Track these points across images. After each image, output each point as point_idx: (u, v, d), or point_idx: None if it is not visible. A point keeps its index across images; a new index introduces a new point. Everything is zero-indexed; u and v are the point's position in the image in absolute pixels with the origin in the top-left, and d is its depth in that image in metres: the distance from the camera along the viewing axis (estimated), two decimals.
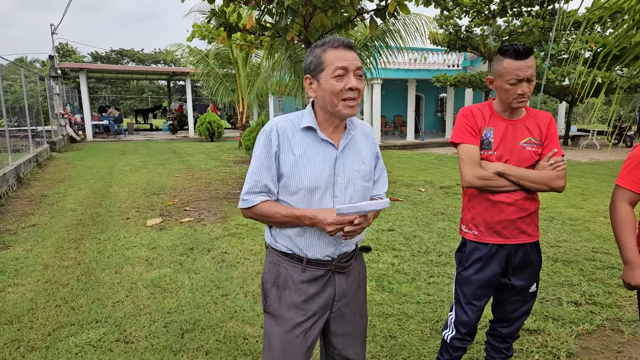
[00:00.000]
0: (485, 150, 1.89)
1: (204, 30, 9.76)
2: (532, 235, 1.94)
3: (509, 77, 1.79)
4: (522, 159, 1.87)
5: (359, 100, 1.46)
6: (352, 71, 1.42)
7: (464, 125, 1.92)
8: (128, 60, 46.24)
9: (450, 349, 2.08)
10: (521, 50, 1.77)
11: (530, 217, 1.91)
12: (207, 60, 14.56)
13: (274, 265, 1.55)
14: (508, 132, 1.89)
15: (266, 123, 1.57)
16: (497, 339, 2.12)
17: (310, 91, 1.48)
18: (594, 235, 4.97)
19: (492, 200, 1.88)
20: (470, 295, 1.98)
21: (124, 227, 5.34)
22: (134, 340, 2.76)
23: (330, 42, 1.44)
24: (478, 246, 1.94)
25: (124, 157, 12.76)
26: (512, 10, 14.98)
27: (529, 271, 1.97)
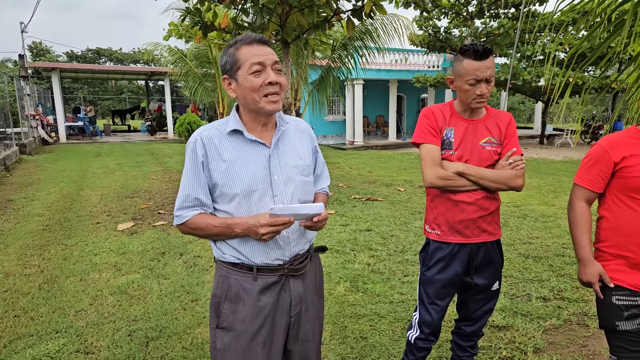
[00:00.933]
0: (446, 150, 1.89)
1: (181, 29, 9.61)
2: (493, 233, 1.95)
3: (468, 78, 1.79)
4: (482, 158, 1.87)
5: (282, 94, 1.43)
6: (270, 66, 1.39)
7: (425, 126, 1.91)
8: (105, 60, 45.32)
9: (415, 350, 2.07)
10: (480, 51, 1.77)
11: (491, 216, 1.92)
12: (186, 59, 14.36)
13: (223, 278, 1.49)
14: (468, 132, 1.89)
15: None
16: (462, 337, 2.13)
17: (230, 92, 1.44)
18: (565, 231, 5.06)
19: (454, 200, 1.88)
20: (433, 295, 1.98)
21: (93, 232, 5.19)
22: (94, 351, 2.67)
23: (243, 39, 1.41)
24: (441, 246, 1.94)
25: (99, 159, 12.47)
26: (489, 12, 15.23)
27: (491, 270, 1.98)
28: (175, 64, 14.46)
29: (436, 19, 15.84)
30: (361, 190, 7.74)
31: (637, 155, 1.63)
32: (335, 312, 3.11)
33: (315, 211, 1.37)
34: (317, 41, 8.61)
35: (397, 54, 17.51)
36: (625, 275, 1.67)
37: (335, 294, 3.43)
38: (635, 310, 1.65)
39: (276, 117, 1.53)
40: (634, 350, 1.66)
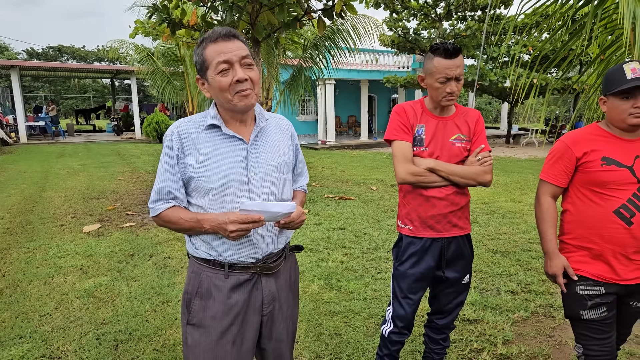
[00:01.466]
0: (418, 146, 1.93)
1: (147, 27, 9.35)
2: (464, 228, 2.00)
3: (439, 76, 1.82)
4: (452, 154, 1.92)
5: (256, 89, 1.41)
6: (237, 62, 1.35)
7: (397, 123, 1.94)
8: (68, 58, 43.63)
9: (389, 343, 2.10)
10: (450, 49, 1.80)
11: (461, 210, 1.97)
12: (153, 58, 13.99)
13: (195, 275, 1.47)
14: (439, 129, 1.93)
15: None
16: (434, 330, 2.17)
17: (205, 92, 1.42)
18: (531, 227, 5.24)
19: (425, 195, 1.92)
20: (406, 289, 2.00)
21: (58, 235, 4.98)
22: (61, 356, 2.56)
23: (209, 36, 1.37)
24: (413, 240, 1.97)
25: (62, 160, 11.99)
26: (456, 14, 15.60)
27: (462, 263, 2.02)
28: (142, 62, 14.06)
29: (405, 20, 16.11)
30: (334, 190, 7.77)
31: (597, 150, 1.71)
32: (309, 310, 3.11)
33: (287, 210, 1.35)
34: (288, 40, 8.59)
35: (368, 55, 17.70)
36: (588, 266, 1.75)
37: (309, 292, 3.42)
38: (599, 300, 1.72)
39: (255, 112, 1.50)
40: (598, 338, 1.74)
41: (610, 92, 1.67)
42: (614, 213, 1.67)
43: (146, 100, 30.32)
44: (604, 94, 1.72)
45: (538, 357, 2.55)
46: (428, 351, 2.21)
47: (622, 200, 1.66)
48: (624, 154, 1.68)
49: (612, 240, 1.68)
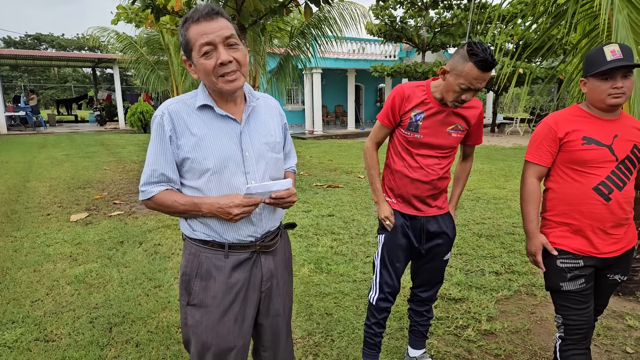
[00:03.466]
0: (412, 132, 1.96)
1: (130, 13, 9.17)
2: (443, 208, 2.10)
3: (463, 82, 1.76)
4: (446, 143, 1.98)
5: (243, 69, 1.37)
6: (220, 43, 1.30)
7: (388, 107, 1.99)
8: (47, 47, 42.52)
9: (376, 312, 2.17)
10: (489, 62, 1.69)
11: (441, 193, 2.08)
12: (137, 46, 13.73)
13: (193, 256, 1.46)
14: (438, 117, 1.94)
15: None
16: (417, 303, 2.26)
17: (192, 73, 1.39)
18: (514, 212, 5.38)
19: (411, 177, 2.00)
20: (393, 256, 2.09)
21: (44, 224, 4.94)
22: (55, 339, 2.58)
23: (191, 16, 1.31)
24: (396, 213, 2.07)
25: (45, 150, 11.78)
26: (443, 2, 15.64)
27: (441, 240, 2.10)
28: (125, 51, 13.77)
29: (392, 8, 16.09)
30: (322, 178, 7.82)
31: (578, 130, 1.78)
32: (300, 292, 3.17)
33: (285, 187, 1.40)
34: (275, 27, 8.53)
35: (355, 44, 17.66)
36: (568, 240, 1.83)
37: (300, 275, 3.49)
38: (577, 272, 1.81)
39: (245, 92, 1.49)
40: (577, 309, 1.83)
41: (590, 74, 1.74)
42: (593, 190, 1.75)
43: (129, 89, 29.79)
44: (584, 76, 1.79)
45: (520, 332, 2.66)
46: (414, 324, 2.30)
47: (601, 178, 1.74)
48: (603, 133, 1.76)
49: (591, 216, 1.76)
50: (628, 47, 1.69)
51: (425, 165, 1.99)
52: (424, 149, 1.98)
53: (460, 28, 15.32)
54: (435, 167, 1.99)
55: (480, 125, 2.07)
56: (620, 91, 1.68)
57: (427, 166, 1.98)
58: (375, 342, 2.23)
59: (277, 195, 1.41)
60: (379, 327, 2.21)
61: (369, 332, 2.22)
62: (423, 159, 1.98)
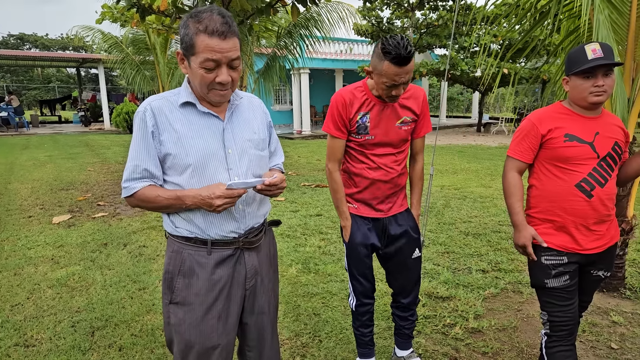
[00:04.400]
0: (363, 135, 1.94)
1: (115, 12, 9.05)
2: (402, 205, 2.09)
3: (386, 80, 1.76)
4: (398, 138, 1.97)
5: (234, 87, 1.40)
6: (225, 64, 1.32)
7: (334, 117, 1.95)
8: (30, 47, 41.77)
9: (359, 315, 2.19)
10: (403, 57, 1.68)
11: (401, 190, 2.07)
12: (122, 45, 13.55)
13: (176, 254, 1.45)
14: (384, 114, 1.93)
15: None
16: (401, 309, 2.23)
17: (183, 68, 1.39)
18: (500, 210, 5.43)
19: (371, 179, 1.98)
20: (359, 264, 2.08)
21: (26, 226, 4.83)
22: (35, 344, 2.51)
23: (205, 22, 1.27)
24: (357, 219, 2.05)
25: (27, 151, 11.55)
26: (428, 4, 15.75)
27: (406, 239, 2.08)
28: (110, 51, 13.58)
29: (379, 9, 16.15)
30: (310, 178, 7.81)
31: (561, 127, 1.80)
32: (288, 292, 3.15)
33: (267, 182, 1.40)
34: (262, 27, 8.49)
35: (342, 44, 17.69)
36: (552, 237, 1.84)
37: (287, 275, 3.46)
38: (562, 269, 1.82)
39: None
40: (561, 305, 1.84)
41: (572, 72, 1.75)
42: (575, 187, 1.76)
43: (115, 90, 29.42)
44: (566, 74, 1.81)
45: (507, 330, 2.68)
46: (399, 327, 2.28)
47: (583, 175, 1.76)
48: (585, 130, 1.77)
49: (574, 212, 1.78)
50: (608, 45, 1.71)
51: (383, 164, 1.97)
52: (378, 148, 1.97)
53: (446, 29, 15.44)
54: (393, 165, 1.99)
55: (426, 113, 2.02)
56: (602, 89, 1.70)
57: (385, 165, 1.97)
58: (367, 341, 2.24)
59: (271, 182, 1.40)
60: (366, 328, 2.21)
61: (357, 334, 2.24)
62: (379, 159, 1.97)
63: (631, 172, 1.88)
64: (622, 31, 2.74)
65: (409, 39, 1.71)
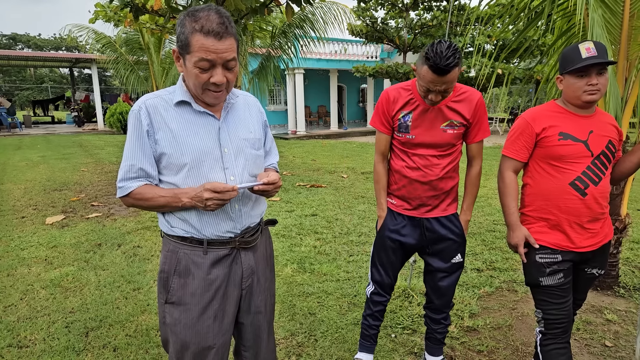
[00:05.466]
0: (404, 133, 1.94)
1: (109, 11, 8.99)
2: (447, 209, 2.03)
3: (423, 84, 1.78)
4: (443, 141, 1.92)
5: (230, 88, 1.39)
6: (220, 65, 1.30)
7: (379, 112, 2.00)
8: (23, 47, 41.46)
9: (371, 304, 2.21)
10: (441, 68, 1.68)
11: (445, 194, 2.01)
12: (115, 45, 13.46)
13: (171, 253, 1.44)
14: (429, 115, 1.90)
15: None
16: (433, 311, 2.20)
17: (179, 66, 1.38)
18: (495, 209, 5.45)
19: (409, 178, 1.97)
20: (383, 257, 2.10)
21: (19, 227, 4.79)
22: (29, 344, 2.49)
23: (202, 22, 1.26)
24: (394, 214, 2.06)
25: (20, 152, 11.46)
26: (423, 4, 15.80)
27: (448, 243, 2.05)
28: (103, 51, 13.48)
29: (373, 9, 16.17)
30: (305, 178, 7.80)
31: (555, 126, 1.81)
32: (283, 292, 3.14)
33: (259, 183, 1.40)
34: (257, 27, 8.48)
35: (337, 44, 17.71)
36: (546, 235, 1.85)
37: (282, 275, 3.46)
38: (556, 267, 1.83)
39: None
40: (556, 303, 1.85)
41: (566, 71, 1.76)
42: (569, 185, 1.77)
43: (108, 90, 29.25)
44: (560, 73, 1.82)
45: (502, 328, 2.69)
46: (430, 331, 2.24)
47: (577, 173, 1.77)
48: (579, 129, 1.78)
49: (568, 211, 1.79)
50: (602, 44, 1.72)
51: (423, 165, 1.94)
52: (420, 149, 1.94)
53: (440, 29, 15.49)
54: (433, 167, 1.94)
55: (481, 118, 1.95)
56: (595, 88, 1.71)
57: (424, 166, 1.94)
58: (370, 334, 2.26)
59: (270, 181, 1.40)
60: (374, 320, 2.23)
61: (364, 323, 2.27)
62: (420, 159, 1.95)
63: (625, 170, 1.89)
64: (615, 31, 2.76)
65: (457, 48, 1.68)
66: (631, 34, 2.76)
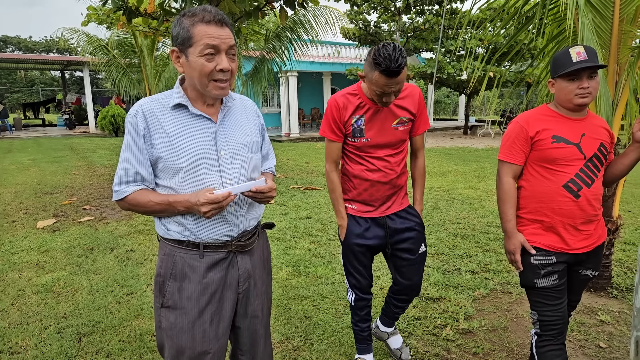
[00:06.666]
0: (358, 137, 1.96)
1: (101, 14, 8.94)
2: (403, 203, 2.10)
3: (376, 89, 1.78)
4: (395, 139, 1.98)
5: (232, 80, 1.39)
6: (224, 51, 1.33)
7: (329, 120, 1.99)
8: (13, 49, 41.05)
9: (357, 310, 2.22)
10: (392, 70, 1.69)
11: (401, 189, 2.08)
12: (108, 48, 13.37)
13: (168, 257, 1.44)
14: (379, 116, 1.94)
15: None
16: (401, 300, 2.24)
17: (178, 66, 1.38)
18: (488, 211, 5.48)
19: (371, 180, 2.00)
20: (354, 263, 2.11)
21: (9, 231, 4.73)
22: (20, 351, 2.45)
23: (201, 14, 1.31)
24: (356, 218, 2.07)
25: (10, 155, 11.32)
26: (415, 8, 15.90)
27: (410, 234, 2.09)
28: (95, 53, 13.37)
29: (366, 13, 16.25)
30: (299, 180, 7.79)
31: (547, 129, 1.82)
32: (278, 296, 3.13)
33: (258, 184, 1.39)
34: (250, 30, 8.48)
35: (330, 47, 17.75)
36: (541, 237, 1.87)
37: (277, 278, 3.44)
38: (551, 268, 1.84)
39: None
40: (551, 304, 1.86)
41: (557, 75, 1.78)
42: (563, 187, 1.79)
43: (100, 92, 29.04)
44: (552, 77, 1.84)
45: (497, 330, 2.70)
46: (391, 312, 2.31)
47: (570, 175, 1.78)
48: (571, 132, 1.80)
49: (562, 213, 1.80)
50: (592, 48, 1.74)
51: (382, 166, 1.99)
52: (376, 151, 1.98)
53: (432, 33, 15.60)
54: (392, 166, 2.00)
55: (422, 111, 2.03)
56: (587, 91, 1.73)
57: (384, 167, 1.99)
58: (365, 336, 2.27)
59: (258, 189, 1.41)
60: (364, 322, 2.24)
61: (356, 329, 2.27)
62: (378, 161, 1.99)
63: (617, 172, 1.91)
64: (605, 35, 2.79)
65: (401, 48, 1.71)
66: (621, 38, 2.80)
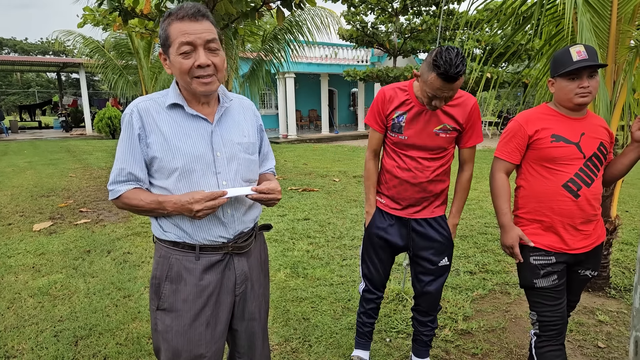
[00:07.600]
0: (397, 133, 1.95)
1: (97, 15, 8.90)
2: (435, 212, 2.03)
3: (429, 90, 1.75)
4: (434, 145, 1.93)
5: (219, 75, 1.36)
6: (201, 45, 1.30)
7: (373, 110, 2.01)
8: (9, 51, 40.91)
9: (364, 301, 2.23)
10: (451, 76, 1.66)
11: (435, 196, 2.02)
12: (104, 50, 13.33)
13: (163, 259, 1.42)
14: (422, 117, 1.90)
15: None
16: (421, 313, 2.19)
17: (166, 68, 1.37)
18: (486, 212, 5.48)
19: (400, 178, 1.98)
20: (372, 253, 2.11)
21: (5, 234, 4.69)
22: (16, 354, 2.43)
23: (176, 13, 1.29)
24: (382, 212, 2.07)
25: (6, 158, 11.26)
26: (412, 9, 15.92)
27: (435, 245, 2.04)
28: (91, 55, 13.32)
29: (363, 14, 16.26)
30: (297, 182, 7.78)
31: (547, 128, 1.82)
32: (276, 297, 3.12)
33: (248, 192, 1.38)
34: (247, 31, 8.46)
35: (328, 48, 17.77)
36: (540, 237, 1.86)
37: (276, 280, 3.43)
38: (550, 269, 1.84)
39: (219, 93, 1.46)
40: (550, 305, 1.86)
41: (557, 74, 1.78)
42: (562, 187, 1.78)
43: (97, 95, 28.95)
44: (552, 76, 1.83)
45: (496, 331, 2.69)
46: (417, 333, 2.24)
47: (569, 175, 1.78)
48: (571, 131, 1.80)
49: (561, 212, 1.80)
50: (592, 47, 1.74)
51: (414, 167, 1.95)
52: (411, 150, 1.95)
53: (430, 34, 15.61)
54: (424, 170, 1.94)
55: (475, 124, 1.95)
56: (587, 90, 1.73)
57: (415, 168, 1.95)
58: (365, 332, 2.28)
59: (261, 190, 1.39)
60: (368, 317, 2.25)
61: (359, 321, 2.29)
62: (411, 161, 1.95)
63: (616, 172, 1.91)
64: (603, 35, 2.80)
65: (464, 56, 1.68)
66: (619, 37, 2.80)
